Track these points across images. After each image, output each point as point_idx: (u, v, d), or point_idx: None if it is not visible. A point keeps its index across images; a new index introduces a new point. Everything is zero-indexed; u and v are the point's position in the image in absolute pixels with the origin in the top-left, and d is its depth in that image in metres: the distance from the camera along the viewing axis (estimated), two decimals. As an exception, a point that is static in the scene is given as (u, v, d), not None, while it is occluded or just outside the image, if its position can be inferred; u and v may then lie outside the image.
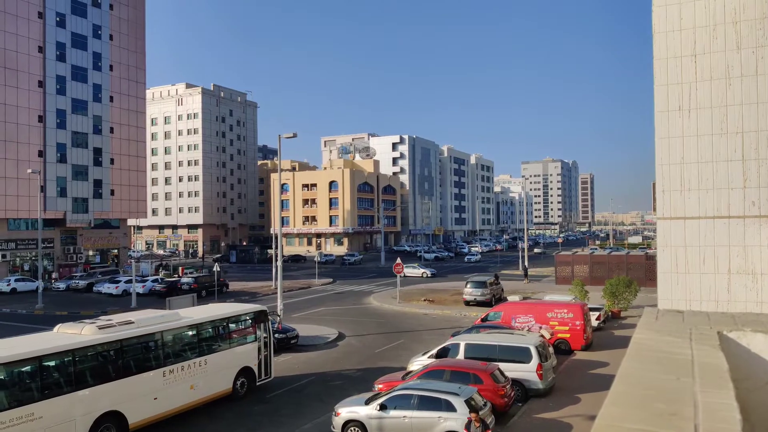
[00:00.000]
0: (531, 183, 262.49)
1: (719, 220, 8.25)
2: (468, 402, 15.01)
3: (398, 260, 44.13)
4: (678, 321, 3.65)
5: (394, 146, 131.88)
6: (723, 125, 8.24)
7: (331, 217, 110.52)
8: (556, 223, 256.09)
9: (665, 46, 8.68)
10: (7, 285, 53.21)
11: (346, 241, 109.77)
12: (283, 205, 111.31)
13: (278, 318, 29.15)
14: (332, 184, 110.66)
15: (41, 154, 61.77)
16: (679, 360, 2.59)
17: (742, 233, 8.07)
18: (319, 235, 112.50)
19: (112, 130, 69.21)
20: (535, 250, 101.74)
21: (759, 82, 7.99)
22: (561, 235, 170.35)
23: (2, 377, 13.93)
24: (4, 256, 59.38)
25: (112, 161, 69.23)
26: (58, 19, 63.64)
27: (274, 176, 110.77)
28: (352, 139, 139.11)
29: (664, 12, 8.67)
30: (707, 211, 8.35)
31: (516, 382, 18.77)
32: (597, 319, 30.32)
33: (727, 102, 8.22)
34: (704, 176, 8.36)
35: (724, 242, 8.19)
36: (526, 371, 19.15)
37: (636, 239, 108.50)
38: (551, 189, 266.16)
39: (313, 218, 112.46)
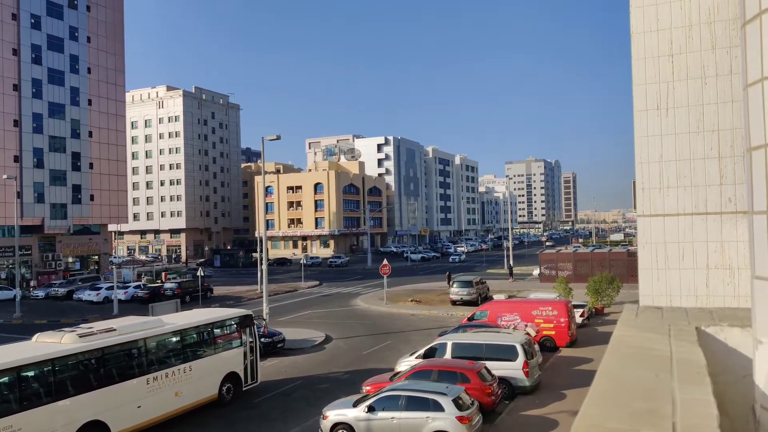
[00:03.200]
0: (515, 183, 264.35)
1: (697, 217, 8.39)
2: (456, 401, 15.06)
3: (384, 261, 44.14)
4: (657, 317, 3.69)
5: (379, 147, 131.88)
6: (700, 123, 8.39)
7: (316, 219, 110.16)
8: (540, 222, 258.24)
9: (643, 47, 8.81)
10: (-15, 294, 52.17)
11: (332, 243, 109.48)
12: (268, 207, 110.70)
13: (264, 322, 28.99)
14: (317, 186, 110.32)
15: (17, 159, 60.63)
16: (658, 356, 2.62)
17: (720, 229, 8.22)
18: (304, 238, 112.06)
19: (90, 134, 68.19)
20: (546, 244, 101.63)
21: (733, 81, 8.15)
22: (545, 234, 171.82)
23: (-21, 389, 13.64)
24: (-19, 265, 58.24)
25: (91, 166, 68.21)
26: (33, 21, 62.55)
27: (258, 179, 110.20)
28: (337, 141, 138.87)
29: (642, 13, 8.81)
30: (686, 207, 8.48)
31: (503, 380, 18.88)
32: (581, 316, 30.62)
33: (704, 101, 8.37)
34: (682, 174, 8.49)
35: (702, 238, 8.33)
36: (513, 369, 19.28)
37: (618, 237, 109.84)
38: (535, 188, 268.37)
39: (299, 221, 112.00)
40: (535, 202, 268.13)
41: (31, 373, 14.69)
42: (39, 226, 62.80)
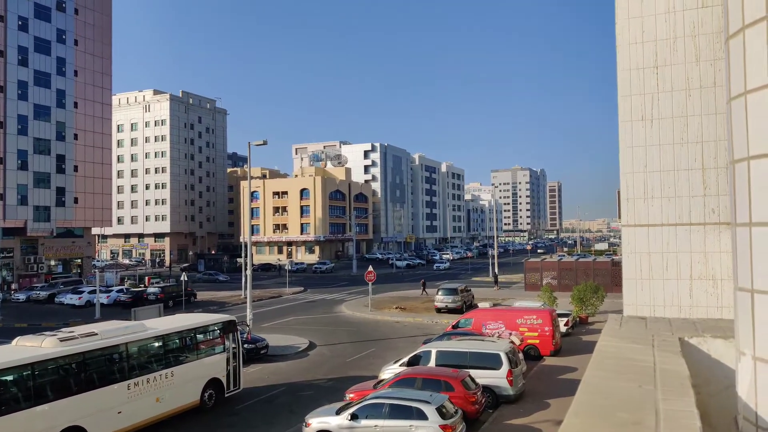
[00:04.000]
0: (500, 191, 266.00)
1: (681, 227, 8.46)
2: (439, 410, 15.01)
3: (370, 268, 44.05)
4: (641, 328, 3.70)
5: (366, 154, 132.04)
6: (684, 135, 8.49)
7: (302, 225, 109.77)
8: (525, 231, 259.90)
9: (628, 58, 8.91)
10: (-37, 297, 51.19)
11: (317, 249, 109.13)
12: (253, 213, 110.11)
13: (248, 328, 28.73)
14: (303, 192, 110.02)
15: (1, 161, 59.78)
16: (642, 367, 2.61)
17: (703, 240, 8.30)
18: (290, 244, 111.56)
19: (76, 136, 67.47)
20: (539, 252, 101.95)
21: (717, 93, 8.26)
22: (530, 242, 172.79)
23: (-45, 393, 13.36)
24: (-40, 267, 57.19)
25: (76, 168, 67.42)
26: (20, 22, 61.92)
27: (243, 184, 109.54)
28: (324, 147, 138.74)
29: (627, 25, 8.91)
30: (669, 218, 8.56)
31: (487, 389, 18.87)
32: (565, 325, 30.77)
33: (688, 112, 8.48)
34: (666, 184, 8.58)
35: (685, 249, 8.40)
36: (497, 377, 19.28)
37: (602, 246, 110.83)
38: (520, 197, 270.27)
39: (284, 226, 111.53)
40: (520, 210, 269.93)
41: (10, 377, 14.45)
42: (22, 229, 61.85)
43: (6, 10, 60.54)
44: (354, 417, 15.48)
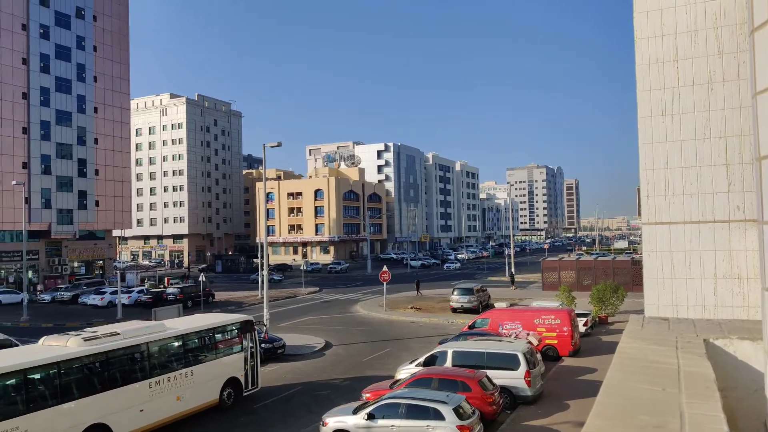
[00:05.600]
0: (516, 189, 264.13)
1: (704, 225, 8.27)
2: (456, 410, 14.91)
3: (384, 268, 44.00)
4: (664, 329, 3.60)
5: (380, 154, 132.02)
6: (706, 130, 8.29)
7: (316, 225, 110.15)
8: (541, 229, 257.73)
9: (647, 52, 8.73)
10: (-9, 297, 52.31)
11: (332, 249, 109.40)
12: (269, 214, 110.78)
13: (265, 328, 28.89)
14: (318, 193, 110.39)
15: (25, 165, 60.95)
16: (665, 369, 2.53)
17: (728, 237, 8.10)
18: (305, 244, 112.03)
19: (96, 141, 68.51)
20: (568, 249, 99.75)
21: (741, 86, 8.06)
22: (547, 241, 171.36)
23: (-14, 391, 13.66)
24: (-15, 269, 58.41)
25: (96, 172, 68.46)
26: (41, 31, 63.06)
27: (259, 185, 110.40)
28: (337, 147, 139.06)
29: (646, 18, 8.74)
30: (692, 215, 8.37)
31: (504, 390, 18.70)
32: (584, 325, 30.40)
33: (710, 107, 8.28)
34: (688, 181, 8.39)
35: (709, 247, 8.21)
36: (515, 378, 19.09)
37: (622, 244, 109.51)
38: (537, 195, 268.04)
39: (299, 227, 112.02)
40: (537, 209, 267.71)
41: (37, 376, 14.77)
42: (46, 231, 62.99)
43: (28, 19, 61.70)
44: (371, 417, 15.45)
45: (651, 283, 8.72)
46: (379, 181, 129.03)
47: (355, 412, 15.97)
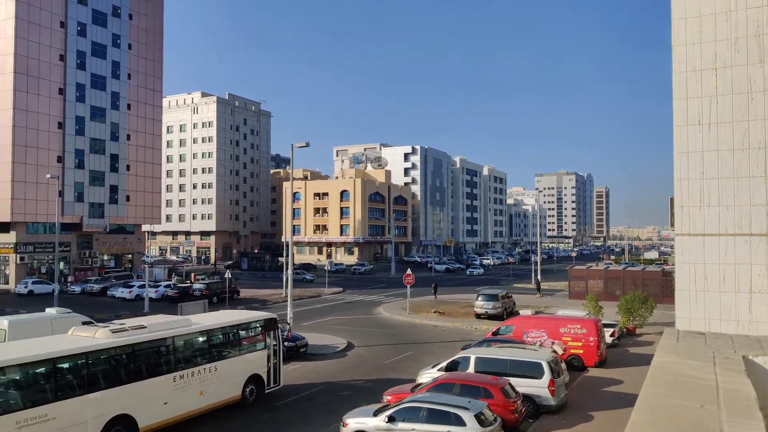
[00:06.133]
0: (545, 196, 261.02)
1: (740, 238, 8.04)
2: (478, 417, 14.79)
3: (408, 271, 43.93)
4: (700, 343, 3.50)
5: (406, 157, 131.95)
6: (745, 140, 8.06)
7: (342, 226, 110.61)
8: (569, 237, 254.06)
9: (685, 60, 8.53)
10: (25, 287, 53.88)
11: (356, 250, 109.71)
12: (295, 213, 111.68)
13: (288, 326, 29.10)
14: (344, 194, 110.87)
15: (60, 159, 62.64)
16: (703, 386, 2.46)
17: (765, 251, 7.85)
18: (329, 244, 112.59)
19: (128, 137, 70.06)
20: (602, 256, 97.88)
21: (782, 96, 7.81)
22: (575, 249, 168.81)
23: (18, 378, 14.06)
24: (22, 259, 60.11)
25: (128, 168, 70.00)
26: (79, 28, 64.77)
27: (286, 185, 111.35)
28: (364, 149, 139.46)
29: (684, 25, 8.54)
30: (727, 228, 8.14)
31: (527, 398, 18.48)
32: (611, 336, 29.86)
33: (749, 116, 8.04)
34: (725, 192, 8.16)
35: (745, 260, 7.96)
36: (538, 387, 18.85)
37: (652, 255, 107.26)
38: (565, 202, 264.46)
39: (324, 227, 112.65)
40: (565, 216, 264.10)
41: (66, 365, 15.08)
42: (78, 224, 64.63)
43: (67, 17, 63.46)
44: (391, 419, 15.43)
45: (683, 296, 8.52)
46: (405, 183, 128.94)
47: (376, 414, 15.97)
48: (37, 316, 24.80)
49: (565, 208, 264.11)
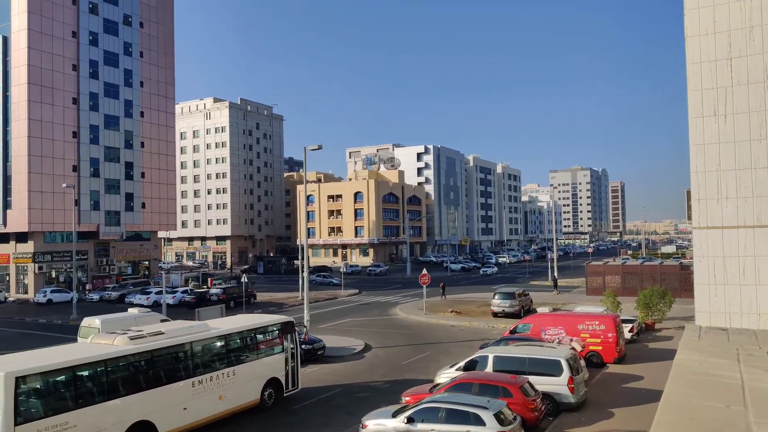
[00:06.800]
0: (560, 192, 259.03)
1: (760, 230, 7.88)
2: (497, 416, 14.70)
3: (424, 271, 43.82)
4: (723, 340, 3.43)
5: (419, 156, 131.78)
6: (762, 130, 7.90)
7: (356, 227, 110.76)
8: (585, 233, 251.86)
9: (698, 50, 8.39)
10: (44, 296, 54.66)
11: (371, 251, 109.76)
12: (309, 216, 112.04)
13: (305, 329, 29.17)
14: (357, 195, 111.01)
15: (75, 168, 63.49)
16: (728, 385, 2.40)
17: (786, 243, 7.69)
18: (344, 246, 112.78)
19: (142, 144, 70.80)
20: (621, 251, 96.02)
21: (800, 85, 7.64)
22: (591, 245, 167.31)
23: (38, 386, 14.18)
24: (40, 268, 61.01)
25: (142, 175, 70.76)
26: (91, 38, 65.60)
27: (300, 188, 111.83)
28: (377, 150, 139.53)
29: (697, 15, 8.40)
30: (746, 220, 7.99)
31: (547, 396, 18.35)
32: (630, 332, 29.53)
33: (766, 106, 7.89)
34: (743, 184, 8.01)
35: (765, 252, 7.81)
36: (557, 384, 18.71)
37: (670, 249, 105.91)
38: (580, 198, 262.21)
39: (339, 229, 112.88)
40: (580, 212, 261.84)
41: (85, 373, 15.16)
42: (94, 232, 65.45)
43: (78, 27, 64.31)
44: (410, 420, 15.39)
45: (702, 290, 8.39)
46: (419, 183, 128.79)
47: (395, 415, 15.94)
48: (122, 315, 28.23)
49: (581, 204, 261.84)
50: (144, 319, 26.91)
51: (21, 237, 61.35)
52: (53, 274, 62.49)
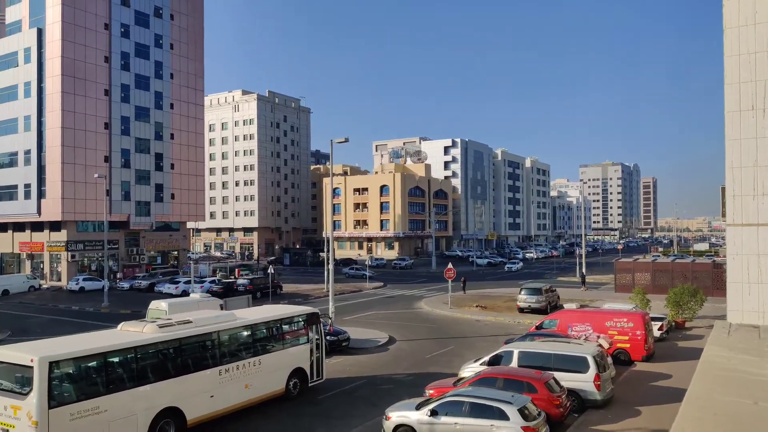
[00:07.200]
0: (589, 187, 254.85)
1: (797, 227, 7.65)
2: (521, 411, 14.63)
3: (450, 265, 43.70)
4: (753, 337, 3.36)
5: (446, 150, 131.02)
6: (801, 125, 7.65)
7: (382, 221, 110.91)
8: (615, 229, 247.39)
9: (737, 42, 8.15)
10: (76, 284, 56.29)
11: (396, 245, 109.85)
12: (335, 209, 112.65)
13: (330, 320, 29.41)
14: (383, 189, 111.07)
15: (107, 159, 64.96)
16: (757, 381, 2.36)
17: (824, 241, 7.45)
18: (370, 239, 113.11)
19: (172, 136, 72.01)
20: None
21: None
22: (621, 242, 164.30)
23: (71, 371, 14.61)
24: (73, 257, 62.75)
25: (172, 166, 72.02)
26: (122, 30, 66.81)
27: (326, 180, 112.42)
28: (404, 143, 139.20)
29: (737, 6, 8.15)
30: (783, 217, 7.76)
31: (572, 393, 18.17)
32: (659, 330, 28.99)
33: (807, 100, 7.63)
34: (780, 180, 7.78)
35: (802, 251, 7.58)
36: (583, 381, 18.50)
37: (702, 246, 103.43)
38: (611, 193, 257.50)
39: (364, 222, 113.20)
40: (611, 207, 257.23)
41: (116, 359, 15.56)
42: (125, 222, 66.99)
43: (110, 19, 65.56)
44: (434, 413, 15.43)
45: (735, 288, 8.19)
46: (446, 177, 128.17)
47: (419, 407, 16.00)
48: (186, 299, 30.82)
49: (611, 200, 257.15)
50: (206, 304, 29.10)
51: (54, 226, 63.13)
52: (85, 263, 64.21)
